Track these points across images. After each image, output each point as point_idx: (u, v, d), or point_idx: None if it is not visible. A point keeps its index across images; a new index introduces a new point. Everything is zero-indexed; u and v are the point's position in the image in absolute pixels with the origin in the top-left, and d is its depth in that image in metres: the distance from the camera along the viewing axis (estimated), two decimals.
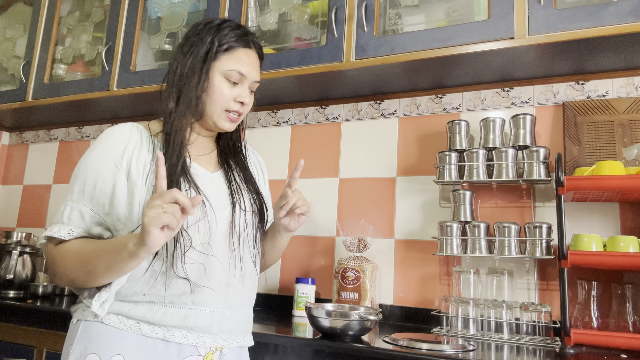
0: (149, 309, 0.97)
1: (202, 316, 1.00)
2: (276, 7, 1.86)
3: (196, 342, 0.99)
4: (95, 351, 0.95)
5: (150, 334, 0.96)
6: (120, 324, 0.96)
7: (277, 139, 2.06)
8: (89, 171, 1.01)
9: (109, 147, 1.02)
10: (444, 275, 1.69)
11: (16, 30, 2.54)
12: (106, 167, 1.00)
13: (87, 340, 0.96)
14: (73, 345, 0.97)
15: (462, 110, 1.77)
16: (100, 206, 0.99)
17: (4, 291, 1.91)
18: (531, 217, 1.61)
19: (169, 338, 0.97)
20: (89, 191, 0.99)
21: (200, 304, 1.00)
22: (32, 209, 2.58)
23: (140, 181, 0.99)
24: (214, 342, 1.01)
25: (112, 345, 0.95)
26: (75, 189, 1.01)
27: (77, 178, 1.02)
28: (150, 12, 2.08)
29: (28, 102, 2.23)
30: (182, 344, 0.98)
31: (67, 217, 0.99)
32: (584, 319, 1.40)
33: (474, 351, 1.19)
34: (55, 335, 1.57)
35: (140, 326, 0.96)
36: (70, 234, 0.97)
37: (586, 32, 1.34)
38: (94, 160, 1.02)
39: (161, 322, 0.97)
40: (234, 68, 1.06)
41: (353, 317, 1.24)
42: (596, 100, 1.59)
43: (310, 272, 1.89)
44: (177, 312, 0.98)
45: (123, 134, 1.03)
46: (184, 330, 0.98)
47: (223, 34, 1.07)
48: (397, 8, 1.74)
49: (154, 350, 0.96)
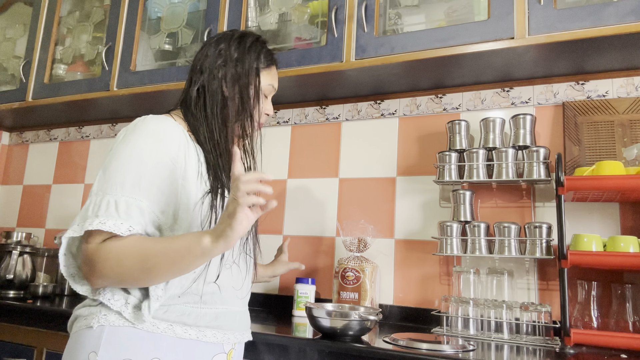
0: (182, 311, 0.97)
1: (230, 314, 1.04)
2: (276, 7, 1.86)
3: (223, 340, 1.03)
4: (129, 357, 0.91)
5: (184, 335, 0.97)
6: (153, 327, 0.94)
7: (277, 139, 2.06)
8: (146, 164, 0.93)
9: (165, 141, 0.97)
10: (444, 275, 1.69)
11: (16, 30, 2.55)
12: (164, 163, 0.95)
13: (117, 346, 0.92)
14: (99, 353, 0.91)
15: (462, 110, 1.77)
16: (157, 204, 0.94)
17: (4, 291, 1.91)
18: (531, 217, 1.61)
19: (202, 338, 0.99)
20: (146, 186, 0.92)
21: (227, 303, 1.04)
22: (32, 209, 2.58)
23: (195, 180, 0.99)
24: (236, 337, 1.07)
25: (147, 350, 0.93)
26: (129, 182, 0.91)
27: (129, 170, 0.92)
28: (150, 12, 2.08)
29: (28, 102, 2.23)
30: (210, 342, 1.01)
31: (125, 212, 0.89)
32: (584, 319, 1.40)
33: (474, 351, 1.19)
34: (55, 335, 1.57)
35: (173, 328, 0.96)
36: (131, 230, 0.89)
37: (586, 32, 1.34)
38: (149, 153, 0.95)
39: (195, 323, 0.98)
40: (271, 83, 1.16)
41: (353, 317, 1.24)
42: (596, 100, 1.59)
43: (310, 272, 1.89)
44: (209, 313, 1.01)
45: (174, 129, 1.00)
46: (214, 329, 1.01)
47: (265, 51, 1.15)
48: (397, 8, 1.74)
49: (188, 351, 0.97)
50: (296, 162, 2.01)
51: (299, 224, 1.95)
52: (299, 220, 1.95)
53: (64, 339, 1.56)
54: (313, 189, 1.96)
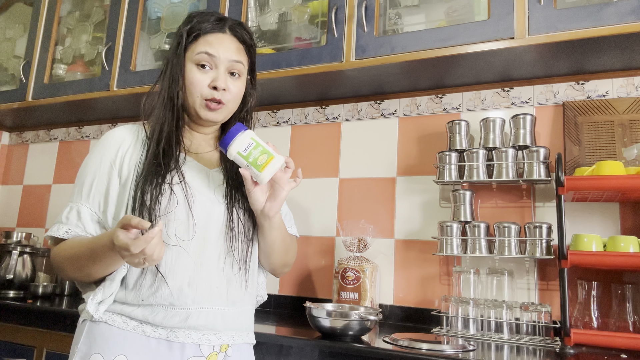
0: (150, 310, 0.97)
1: (205, 314, 0.99)
2: (276, 7, 1.86)
3: (200, 341, 0.98)
4: (99, 351, 0.95)
5: (153, 335, 0.96)
6: (124, 324, 0.97)
7: (277, 139, 2.06)
8: (87, 172, 1.05)
9: (105, 147, 1.06)
10: (444, 275, 1.69)
11: (16, 30, 2.55)
12: (102, 167, 1.04)
13: (92, 340, 0.97)
14: (79, 345, 0.98)
15: (462, 110, 1.77)
16: (97, 204, 1.02)
17: (4, 291, 1.91)
18: (531, 217, 1.61)
19: (172, 338, 0.96)
20: (86, 191, 1.03)
21: (201, 303, 0.99)
22: (32, 209, 2.57)
23: (130, 179, 1.02)
24: (219, 339, 1.00)
25: (116, 346, 0.95)
26: (75, 190, 1.05)
27: (77, 180, 1.06)
28: (150, 12, 2.08)
29: (28, 102, 2.23)
30: (185, 343, 0.97)
31: (66, 217, 1.02)
32: (584, 319, 1.40)
33: (474, 351, 1.19)
34: (55, 335, 1.57)
35: (143, 327, 0.97)
36: (69, 233, 1.00)
37: (586, 32, 1.34)
38: (91, 161, 1.06)
39: (163, 323, 0.97)
40: (201, 50, 1.04)
41: (353, 317, 1.24)
42: (596, 100, 1.59)
43: (310, 272, 1.89)
44: (179, 313, 0.97)
45: (118, 134, 1.07)
46: (187, 329, 0.97)
47: (193, 24, 1.07)
48: (397, 8, 1.74)
49: (157, 351, 0.96)
50: (296, 162, 1.98)
51: (298, 224, 1.95)
52: (299, 220, 1.95)
53: (64, 338, 1.57)
54: (313, 189, 1.96)
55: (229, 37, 1.08)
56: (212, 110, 1.05)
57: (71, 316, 1.57)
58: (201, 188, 1.04)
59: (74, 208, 1.02)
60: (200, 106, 1.05)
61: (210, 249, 1.02)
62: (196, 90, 1.04)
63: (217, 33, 1.07)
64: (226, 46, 1.06)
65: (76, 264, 0.97)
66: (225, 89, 1.05)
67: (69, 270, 0.99)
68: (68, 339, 1.54)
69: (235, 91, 1.07)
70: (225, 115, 1.09)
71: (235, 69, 1.07)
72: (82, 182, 1.04)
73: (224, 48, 1.05)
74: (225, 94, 1.05)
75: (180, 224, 0.99)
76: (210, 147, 1.15)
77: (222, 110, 1.06)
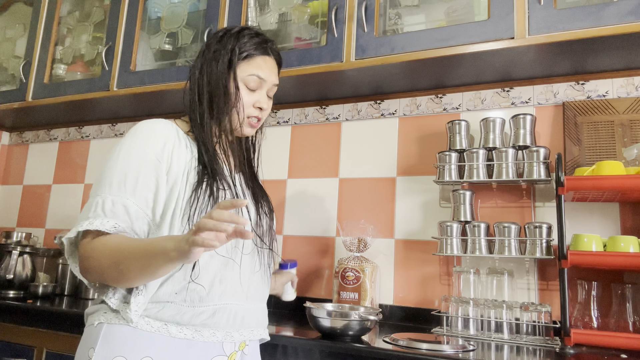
0: (177, 309, 0.96)
1: (229, 311, 1.01)
2: (276, 7, 1.86)
3: (224, 338, 1.01)
4: (122, 354, 0.93)
5: (179, 335, 0.96)
6: (148, 326, 0.95)
7: (277, 139, 2.06)
8: (130, 163, 0.97)
9: (149, 140, 1.00)
10: (444, 275, 1.69)
11: (16, 30, 2.54)
12: (148, 160, 0.98)
13: (113, 343, 0.94)
14: (96, 349, 0.94)
15: (462, 110, 1.77)
16: (144, 200, 0.96)
17: (4, 291, 1.91)
18: (531, 217, 1.61)
19: (198, 338, 0.98)
20: (131, 184, 0.95)
21: (226, 299, 1.01)
22: (32, 209, 2.57)
23: (180, 179, 1.00)
24: (241, 335, 1.04)
25: (140, 348, 0.94)
26: (115, 182, 0.95)
27: (116, 170, 0.97)
28: (150, 12, 2.08)
29: (28, 102, 2.23)
30: (209, 342, 0.99)
31: (111, 211, 0.93)
32: (584, 319, 1.40)
33: (474, 351, 1.19)
34: (55, 335, 1.57)
35: (168, 327, 0.96)
36: (117, 228, 0.93)
37: (586, 32, 1.34)
38: (134, 152, 0.98)
39: (190, 322, 0.97)
40: (254, 73, 1.10)
41: (353, 317, 1.24)
42: (596, 100, 1.59)
43: (310, 272, 1.89)
44: (205, 310, 0.98)
45: (161, 130, 1.02)
46: (211, 328, 0.99)
47: (243, 42, 1.11)
48: (397, 8, 1.74)
49: (182, 351, 0.97)
50: (296, 162, 2.01)
51: (299, 224, 1.95)
52: (299, 220, 1.95)
53: (64, 339, 1.57)
54: (313, 189, 1.96)
55: (272, 60, 1.16)
56: (253, 127, 1.14)
57: (71, 316, 1.57)
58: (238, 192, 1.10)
59: (118, 202, 0.94)
60: (244, 124, 1.12)
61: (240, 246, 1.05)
62: (245, 109, 1.10)
63: (265, 56, 1.14)
64: (272, 70, 1.15)
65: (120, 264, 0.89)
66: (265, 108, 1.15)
67: (106, 268, 0.90)
68: (68, 339, 1.54)
69: (269, 109, 1.17)
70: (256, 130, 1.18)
71: (273, 92, 1.17)
72: (125, 174, 0.96)
73: (270, 72, 1.14)
74: (263, 112, 1.15)
75: None
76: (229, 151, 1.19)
77: (258, 126, 1.16)
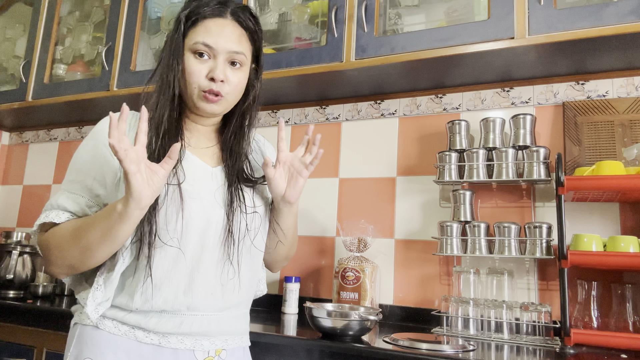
0: (143, 315, 0.94)
1: (199, 321, 0.96)
2: (276, 7, 1.86)
3: (193, 346, 0.96)
4: (90, 356, 0.92)
5: (145, 340, 0.93)
6: (115, 329, 0.93)
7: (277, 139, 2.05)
8: (83, 162, 0.98)
9: (100, 135, 0.99)
10: (444, 275, 1.69)
11: (16, 30, 2.55)
12: (97, 156, 0.98)
13: (83, 344, 0.94)
14: (70, 350, 0.95)
15: (462, 110, 1.77)
16: (95, 197, 0.97)
17: (4, 291, 1.91)
18: (531, 217, 1.61)
19: (165, 344, 0.94)
20: (81, 180, 0.97)
21: (195, 309, 0.96)
22: (32, 209, 2.57)
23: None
24: (213, 344, 0.98)
25: (107, 351, 0.92)
26: (69, 179, 0.98)
27: (72, 168, 0.99)
28: (150, 12, 2.08)
29: (28, 102, 2.23)
30: (178, 349, 0.95)
31: (63, 205, 0.96)
32: (584, 319, 1.40)
33: (474, 351, 1.19)
34: (55, 335, 1.57)
35: (134, 332, 0.94)
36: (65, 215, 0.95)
37: (586, 32, 1.34)
38: (86, 149, 1.00)
39: (155, 329, 0.94)
40: (199, 40, 0.98)
41: (353, 317, 1.24)
42: (596, 100, 1.59)
43: (310, 272, 1.89)
44: (172, 319, 0.94)
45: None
46: (179, 335, 0.95)
47: (192, 7, 1.01)
48: (397, 8, 1.74)
49: (149, 356, 0.94)
50: None
51: (299, 224, 1.94)
52: (299, 220, 1.95)
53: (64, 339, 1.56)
54: (313, 189, 1.96)
55: (231, 23, 1.01)
56: (210, 102, 0.99)
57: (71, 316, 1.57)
58: (201, 190, 0.98)
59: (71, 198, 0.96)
60: (197, 97, 0.99)
61: (207, 255, 0.97)
62: (193, 80, 0.98)
63: (218, 18, 1.00)
64: (226, 35, 0.99)
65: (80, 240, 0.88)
66: (224, 80, 0.99)
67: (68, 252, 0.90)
68: None
69: (236, 82, 1.01)
70: (224, 108, 1.04)
71: (236, 59, 1.01)
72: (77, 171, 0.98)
73: (224, 37, 0.99)
74: (224, 85, 0.99)
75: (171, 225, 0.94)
76: (211, 141, 1.09)
77: (221, 102, 1.01)
